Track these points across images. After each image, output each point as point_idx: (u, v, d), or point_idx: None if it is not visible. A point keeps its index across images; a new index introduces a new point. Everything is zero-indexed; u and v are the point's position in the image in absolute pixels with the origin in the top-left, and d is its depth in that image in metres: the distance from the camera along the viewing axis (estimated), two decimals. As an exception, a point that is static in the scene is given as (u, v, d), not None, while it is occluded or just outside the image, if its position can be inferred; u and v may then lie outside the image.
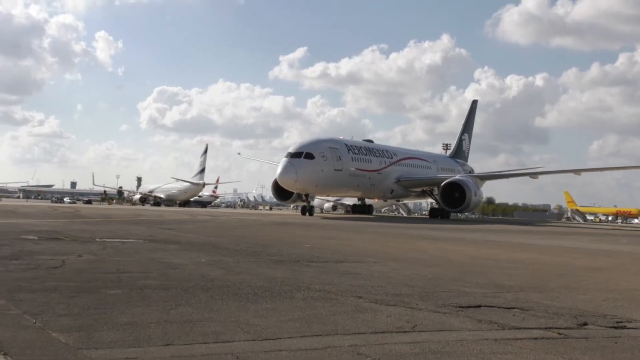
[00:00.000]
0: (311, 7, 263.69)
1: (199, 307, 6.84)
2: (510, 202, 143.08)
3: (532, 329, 6.38)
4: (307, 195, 48.87)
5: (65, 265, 10.19)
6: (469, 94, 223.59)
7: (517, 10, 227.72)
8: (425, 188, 61.61)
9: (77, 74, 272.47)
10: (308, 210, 48.94)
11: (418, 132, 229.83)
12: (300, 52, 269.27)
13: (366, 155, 54.02)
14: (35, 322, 5.81)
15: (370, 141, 60.59)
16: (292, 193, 52.01)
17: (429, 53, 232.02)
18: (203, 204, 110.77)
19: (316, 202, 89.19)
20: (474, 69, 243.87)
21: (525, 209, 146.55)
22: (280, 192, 53.42)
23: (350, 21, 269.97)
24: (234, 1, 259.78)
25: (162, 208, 78.00)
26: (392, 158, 58.15)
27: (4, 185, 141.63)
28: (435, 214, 60.63)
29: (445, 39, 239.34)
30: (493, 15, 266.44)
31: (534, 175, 65.11)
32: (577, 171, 61.44)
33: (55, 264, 10.36)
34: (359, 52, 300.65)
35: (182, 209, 78.56)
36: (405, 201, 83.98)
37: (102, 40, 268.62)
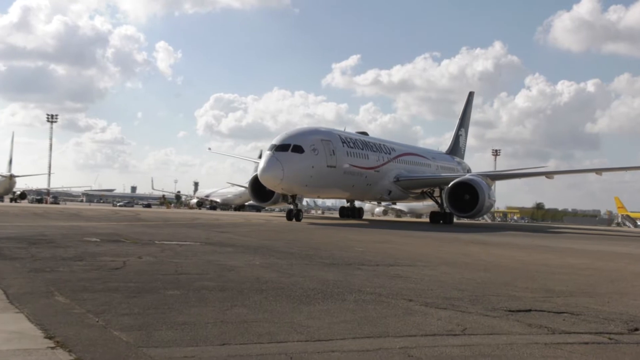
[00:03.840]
0: (365, 15, 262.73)
1: (254, 308, 6.88)
2: (560, 208, 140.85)
3: (582, 333, 6.26)
4: (293, 197, 40.43)
5: (126, 267, 10.36)
6: (520, 100, 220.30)
7: (568, 16, 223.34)
8: (425, 189, 53.31)
9: (137, 83, 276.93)
10: (295, 214, 39.42)
11: (468, 138, 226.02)
12: (353, 59, 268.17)
13: (363, 149, 45.81)
14: (97, 321, 5.92)
15: (365, 134, 52.12)
16: (273, 193, 44.87)
17: (481, 60, 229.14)
18: (257, 208, 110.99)
19: (367, 206, 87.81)
20: (525, 76, 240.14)
21: (574, 214, 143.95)
22: (258, 191, 46.66)
23: (404, 29, 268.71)
24: (289, 11, 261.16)
25: (218, 212, 78.75)
26: (390, 154, 50.09)
27: (69, 189, 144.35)
28: (437, 219, 51.65)
29: (497, 45, 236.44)
30: (544, 21, 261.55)
31: (549, 175, 55.20)
32: (598, 170, 53.71)
33: (117, 265, 10.54)
34: (412, 59, 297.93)
35: (237, 212, 79.13)
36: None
37: (162, 51, 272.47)
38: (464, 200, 44.44)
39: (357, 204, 57.63)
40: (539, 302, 8.22)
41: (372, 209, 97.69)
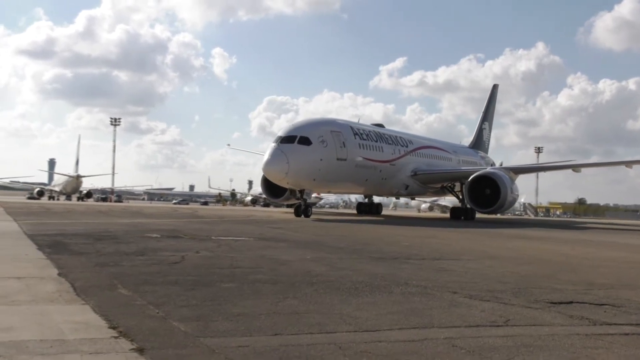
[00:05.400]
0: (410, 19, 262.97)
1: (305, 300, 6.92)
2: (602, 203, 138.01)
3: (623, 324, 6.14)
4: (301, 192, 36.47)
5: (184, 261, 10.49)
6: (562, 99, 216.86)
7: (610, 16, 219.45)
8: (445, 184, 48.64)
9: (195, 87, 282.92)
10: (303, 210, 36.04)
11: (512, 136, 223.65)
12: (399, 61, 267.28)
13: (376, 142, 41.35)
14: (158, 312, 6.02)
15: (381, 125, 47.14)
16: (285, 189, 39.38)
17: (524, 60, 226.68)
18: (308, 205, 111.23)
19: (413, 202, 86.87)
20: (567, 75, 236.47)
21: (616, 209, 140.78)
22: (271, 187, 41.07)
23: (448, 32, 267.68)
24: (337, 16, 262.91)
25: (271, 209, 78.98)
26: (407, 146, 45.68)
27: (131, 188, 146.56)
28: (458, 215, 46.57)
29: (540, 46, 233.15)
30: (585, 22, 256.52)
31: (576, 168, 48.75)
32: (628, 163, 48.10)
33: (176, 259, 10.69)
34: (456, 60, 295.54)
35: (289, 209, 79.26)
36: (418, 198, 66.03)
37: (217, 56, 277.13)
38: (485, 195, 40.39)
39: (375, 199, 54.18)
40: (580, 294, 8.08)
41: (419, 205, 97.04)
